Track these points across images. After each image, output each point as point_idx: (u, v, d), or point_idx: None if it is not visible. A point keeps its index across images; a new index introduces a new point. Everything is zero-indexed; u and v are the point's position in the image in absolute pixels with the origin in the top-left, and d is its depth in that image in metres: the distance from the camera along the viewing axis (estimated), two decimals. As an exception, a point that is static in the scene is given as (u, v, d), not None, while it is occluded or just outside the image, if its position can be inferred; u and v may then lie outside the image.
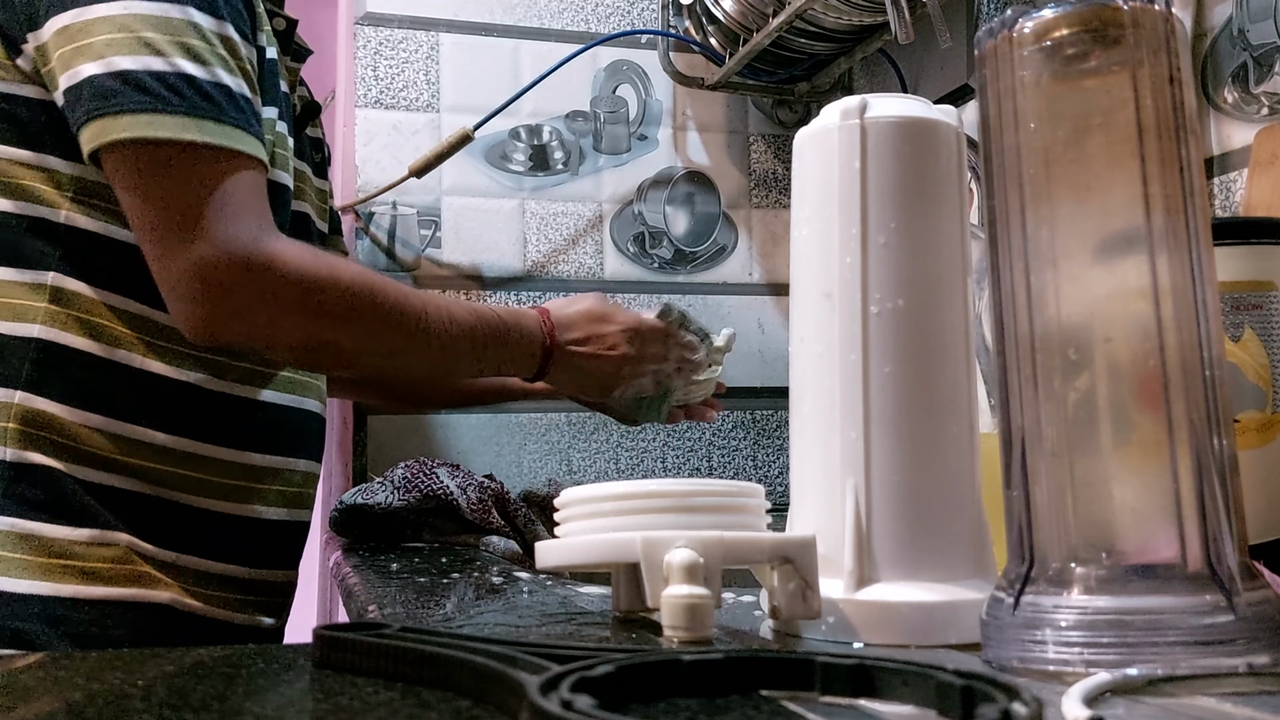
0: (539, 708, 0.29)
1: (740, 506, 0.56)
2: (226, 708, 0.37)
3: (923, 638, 0.49)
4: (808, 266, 0.55)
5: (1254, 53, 0.92)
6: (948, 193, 0.53)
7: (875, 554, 0.51)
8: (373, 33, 1.40)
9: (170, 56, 0.76)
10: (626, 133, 1.49)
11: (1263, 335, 0.64)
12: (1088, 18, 0.44)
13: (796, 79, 1.46)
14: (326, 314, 0.81)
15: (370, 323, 0.83)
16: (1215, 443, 0.42)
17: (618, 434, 1.44)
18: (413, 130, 1.40)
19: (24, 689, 0.39)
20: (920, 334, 0.52)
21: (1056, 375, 0.43)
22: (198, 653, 0.46)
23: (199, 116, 0.76)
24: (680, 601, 0.47)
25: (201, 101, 0.76)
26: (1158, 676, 0.39)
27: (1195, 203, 0.43)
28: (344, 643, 0.42)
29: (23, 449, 0.79)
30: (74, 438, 0.81)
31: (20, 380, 0.80)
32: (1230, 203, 0.95)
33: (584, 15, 1.49)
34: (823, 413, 0.53)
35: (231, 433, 0.88)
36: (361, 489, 0.99)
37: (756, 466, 1.50)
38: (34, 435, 0.80)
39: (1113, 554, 0.41)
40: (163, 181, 0.76)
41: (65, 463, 0.80)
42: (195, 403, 0.85)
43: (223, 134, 0.77)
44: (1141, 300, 0.42)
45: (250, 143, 0.79)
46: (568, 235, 1.45)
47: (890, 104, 0.53)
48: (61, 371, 0.81)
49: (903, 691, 0.34)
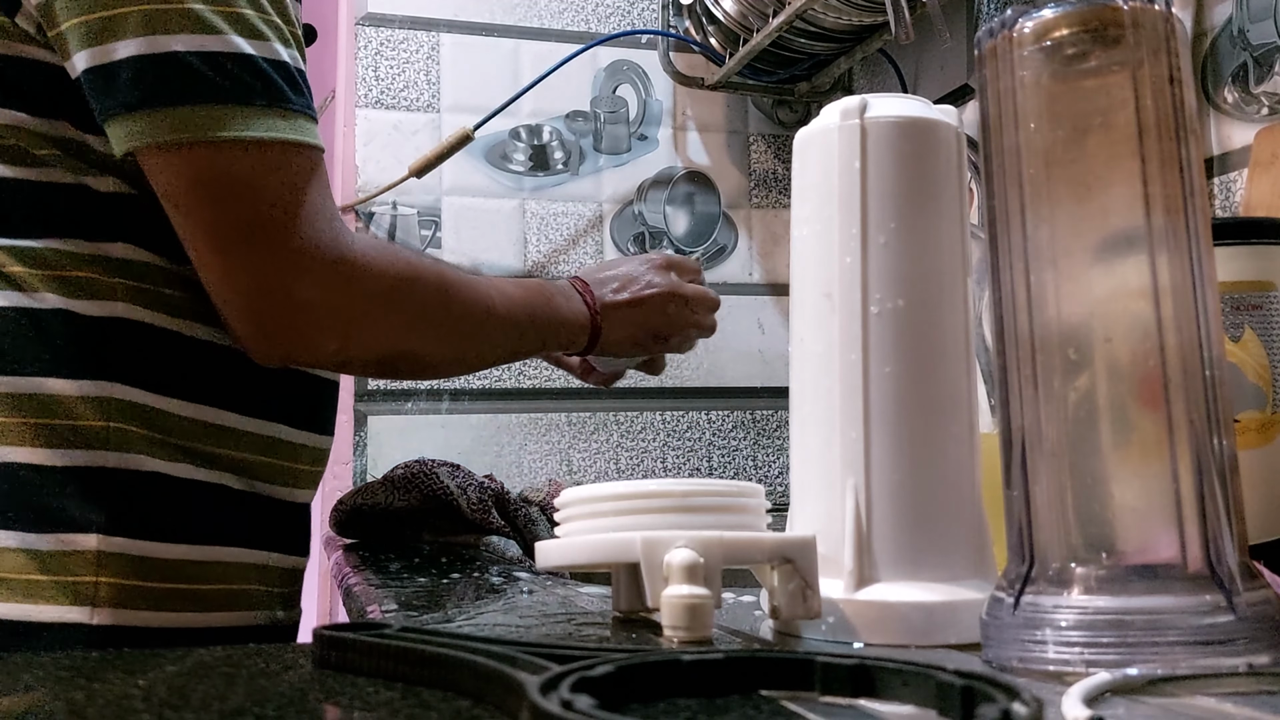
0: (539, 708, 0.29)
1: (740, 506, 0.56)
2: (226, 708, 0.37)
3: (923, 638, 0.49)
4: (808, 266, 0.55)
5: (1254, 53, 0.92)
6: (948, 193, 0.53)
7: (875, 554, 0.51)
8: (373, 33, 1.40)
9: (225, 33, 0.65)
10: (626, 133, 1.49)
11: (1263, 335, 0.64)
12: (1088, 18, 0.44)
13: (796, 79, 1.46)
14: (407, 320, 0.75)
15: (447, 326, 0.78)
16: (1215, 443, 0.42)
17: (618, 434, 1.44)
18: (413, 130, 1.40)
19: (24, 689, 0.39)
20: (920, 334, 0.52)
21: (1056, 375, 0.43)
22: (198, 653, 0.46)
23: (261, 108, 0.67)
24: (680, 601, 0.47)
25: (263, 89, 0.67)
26: (1158, 676, 0.39)
27: (1195, 203, 0.43)
28: (344, 643, 0.42)
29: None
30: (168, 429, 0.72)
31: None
32: (1230, 203, 0.95)
33: (584, 15, 1.49)
34: (823, 413, 0.53)
35: (305, 412, 0.81)
36: (362, 489, 0.99)
37: (756, 466, 1.50)
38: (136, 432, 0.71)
39: (1113, 554, 0.41)
40: (227, 187, 0.66)
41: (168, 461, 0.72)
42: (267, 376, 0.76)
43: (289, 127, 0.68)
44: (1141, 300, 0.42)
45: (312, 131, 0.70)
46: (568, 235, 1.45)
47: (890, 104, 0.53)
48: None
49: (903, 691, 0.34)
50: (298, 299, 0.68)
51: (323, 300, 0.69)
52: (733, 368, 1.50)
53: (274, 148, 0.67)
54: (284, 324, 0.69)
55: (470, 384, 1.39)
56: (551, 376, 1.42)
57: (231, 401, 0.75)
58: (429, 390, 1.37)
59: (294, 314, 0.69)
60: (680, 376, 1.48)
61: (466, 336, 0.80)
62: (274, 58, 0.68)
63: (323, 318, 0.70)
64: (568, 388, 1.43)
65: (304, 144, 0.69)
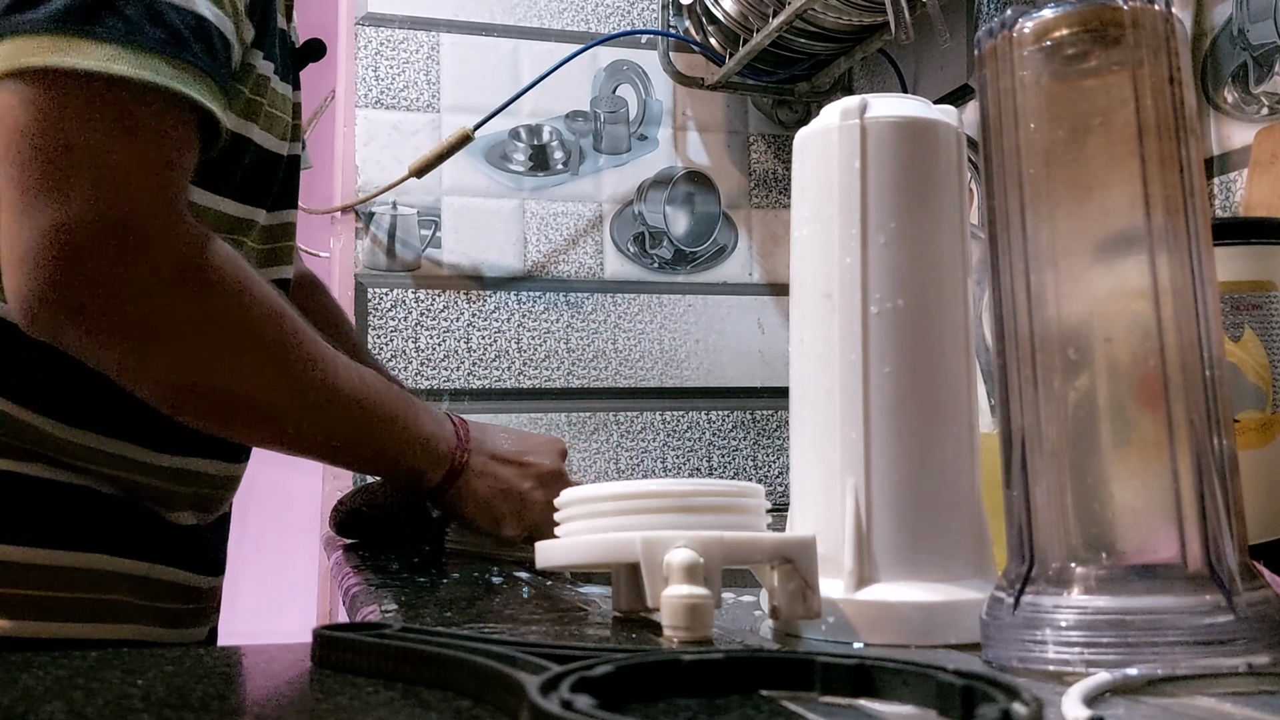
0: (539, 708, 0.29)
1: (740, 506, 0.56)
2: (226, 707, 0.37)
3: (923, 638, 0.49)
4: (807, 266, 0.55)
5: (1254, 53, 0.92)
6: (948, 193, 0.53)
7: (875, 554, 0.50)
8: (373, 33, 1.40)
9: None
10: (626, 133, 1.49)
11: (1263, 335, 0.64)
12: (1088, 18, 0.44)
13: (796, 79, 1.47)
14: (232, 340, 0.64)
15: (280, 367, 0.67)
16: (1215, 443, 0.42)
17: (618, 434, 1.44)
18: (413, 130, 1.40)
19: (24, 689, 0.39)
20: (920, 334, 0.52)
21: (1056, 375, 0.43)
22: (198, 653, 0.46)
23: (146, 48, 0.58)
24: (680, 601, 0.47)
25: (151, 28, 0.59)
26: (1158, 676, 0.39)
27: (1195, 203, 0.43)
28: (344, 643, 0.42)
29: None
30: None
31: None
32: (1230, 203, 0.95)
33: (584, 15, 1.49)
34: (823, 413, 0.53)
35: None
36: (361, 489, 0.99)
37: (756, 466, 1.50)
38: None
39: (1113, 554, 0.41)
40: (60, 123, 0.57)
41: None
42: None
43: (178, 77, 0.59)
44: (1141, 300, 0.42)
45: (204, 89, 0.61)
46: (568, 235, 1.45)
47: (890, 104, 0.53)
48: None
49: (903, 691, 0.34)
50: (84, 258, 0.58)
51: (132, 274, 0.59)
52: (733, 368, 1.50)
53: (155, 92, 0.59)
54: (72, 284, 0.58)
55: (470, 384, 1.39)
56: (551, 376, 1.42)
57: (75, 414, 0.67)
58: (428, 390, 1.37)
59: (93, 279, 0.58)
60: (680, 376, 1.48)
61: (298, 393, 0.68)
62: (189, 7, 0.61)
63: (123, 291, 0.59)
64: (568, 388, 1.43)
65: (185, 96, 0.60)
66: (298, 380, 0.68)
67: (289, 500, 1.96)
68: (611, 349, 1.45)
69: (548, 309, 1.43)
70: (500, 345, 1.41)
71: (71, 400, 0.67)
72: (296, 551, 1.90)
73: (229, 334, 0.64)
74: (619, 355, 1.46)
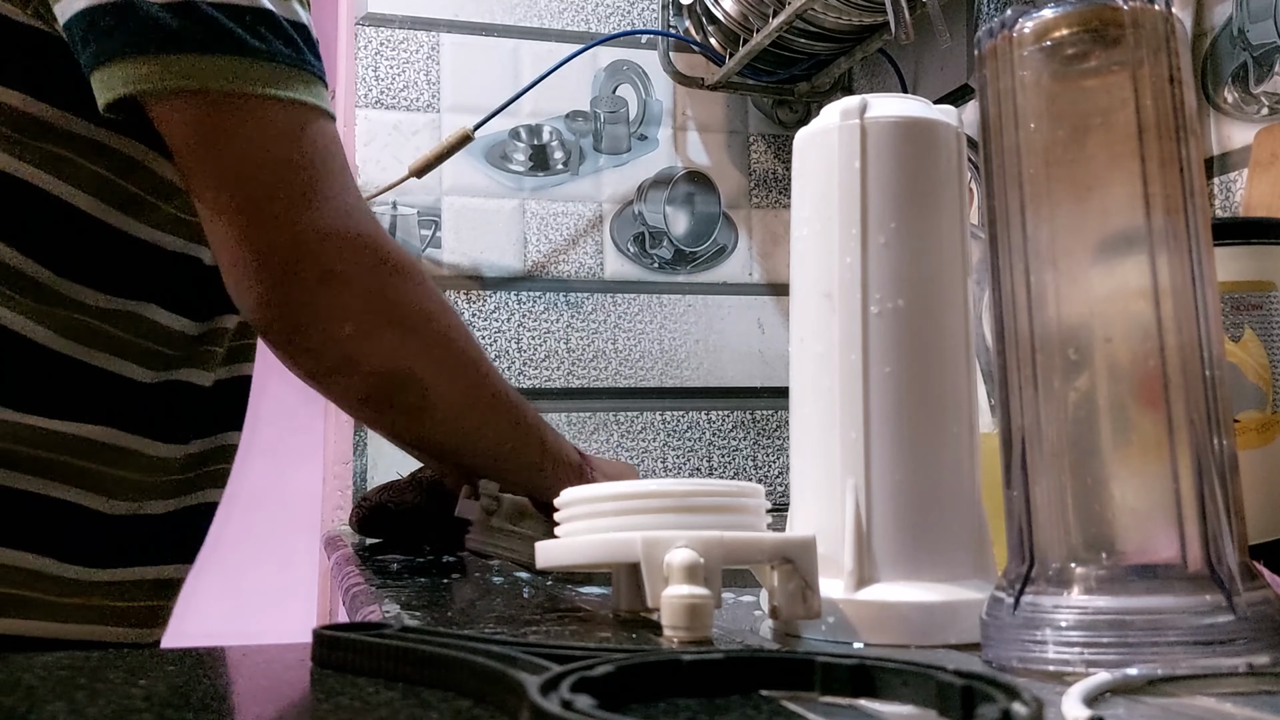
0: (539, 708, 0.29)
1: (740, 506, 0.56)
2: (226, 707, 0.37)
3: (923, 638, 0.49)
4: (808, 266, 0.55)
5: (1254, 53, 0.92)
6: (948, 193, 0.53)
7: (875, 554, 0.50)
8: (373, 33, 1.40)
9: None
10: (626, 133, 1.49)
11: (1263, 335, 0.64)
12: (1088, 18, 0.44)
13: (796, 79, 1.47)
14: (424, 339, 0.68)
15: (461, 366, 0.71)
16: (1215, 443, 0.42)
17: (618, 434, 1.44)
18: (413, 130, 1.40)
19: (24, 689, 0.39)
20: (920, 334, 0.52)
21: (1056, 375, 0.43)
22: (197, 653, 0.46)
23: (285, 66, 0.63)
24: (680, 601, 0.47)
25: (285, 47, 0.63)
26: (1158, 676, 0.39)
27: (1195, 203, 0.43)
28: (344, 643, 0.42)
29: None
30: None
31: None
32: (1230, 203, 0.95)
33: (584, 15, 1.49)
34: (823, 413, 0.53)
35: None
36: (388, 485, 0.97)
37: (756, 466, 1.50)
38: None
39: (1113, 554, 0.41)
40: (256, 142, 0.63)
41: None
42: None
43: (310, 92, 0.64)
44: (1141, 300, 0.42)
45: (327, 99, 0.67)
46: (568, 235, 1.45)
47: (890, 104, 0.53)
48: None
49: (903, 691, 0.34)
50: (324, 265, 0.63)
51: (349, 273, 0.64)
52: (733, 368, 1.50)
53: (299, 109, 0.64)
54: (303, 291, 0.63)
55: (470, 384, 1.39)
56: (551, 376, 1.42)
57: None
58: (429, 390, 1.37)
59: (317, 282, 0.63)
60: (680, 376, 1.48)
61: (473, 388, 0.73)
62: (294, 18, 0.65)
63: (343, 290, 0.64)
64: (568, 388, 1.43)
65: (325, 110, 0.66)
66: (474, 377, 0.73)
67: (289, 500, 1.96)
68: (611, 349, 1.45)
69: (548, 309, 1.43)
70: (500, 345, 1.41)
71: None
72: (297, 551, 1.90)
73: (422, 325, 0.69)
74: (619, 355, 1.46)
